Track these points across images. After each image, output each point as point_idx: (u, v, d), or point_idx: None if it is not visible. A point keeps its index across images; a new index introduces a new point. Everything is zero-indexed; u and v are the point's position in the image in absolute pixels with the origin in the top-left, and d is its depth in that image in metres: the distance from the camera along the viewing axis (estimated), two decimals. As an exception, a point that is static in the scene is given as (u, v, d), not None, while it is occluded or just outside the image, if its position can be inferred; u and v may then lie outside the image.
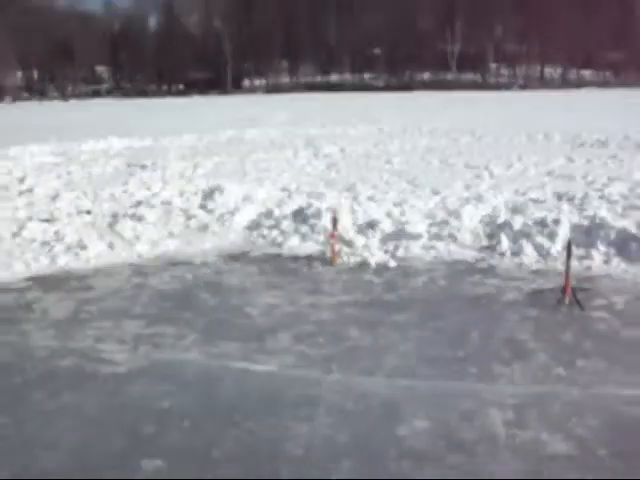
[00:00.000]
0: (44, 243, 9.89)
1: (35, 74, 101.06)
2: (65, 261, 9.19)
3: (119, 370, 5.80)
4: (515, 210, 10.57)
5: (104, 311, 7.30)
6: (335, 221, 9.17)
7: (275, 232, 10.26)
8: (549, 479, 4.03)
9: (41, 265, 9.02)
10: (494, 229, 9.71)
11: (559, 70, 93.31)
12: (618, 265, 8.43)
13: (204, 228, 10.70)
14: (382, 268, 8.68)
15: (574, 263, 7.94)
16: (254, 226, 10.67)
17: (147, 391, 5.39)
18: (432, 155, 19.12)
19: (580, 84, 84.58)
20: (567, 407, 4.96)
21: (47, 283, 8.34)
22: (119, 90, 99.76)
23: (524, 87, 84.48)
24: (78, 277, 8.58)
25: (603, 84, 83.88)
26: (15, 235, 10.20)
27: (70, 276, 8.63)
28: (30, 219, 11.17)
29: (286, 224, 10.39)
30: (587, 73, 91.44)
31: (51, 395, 5.36)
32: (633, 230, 8.89)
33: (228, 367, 5.78)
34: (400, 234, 9.62)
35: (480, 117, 33.24)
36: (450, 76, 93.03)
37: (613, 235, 8.92)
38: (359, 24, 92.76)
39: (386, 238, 9.62)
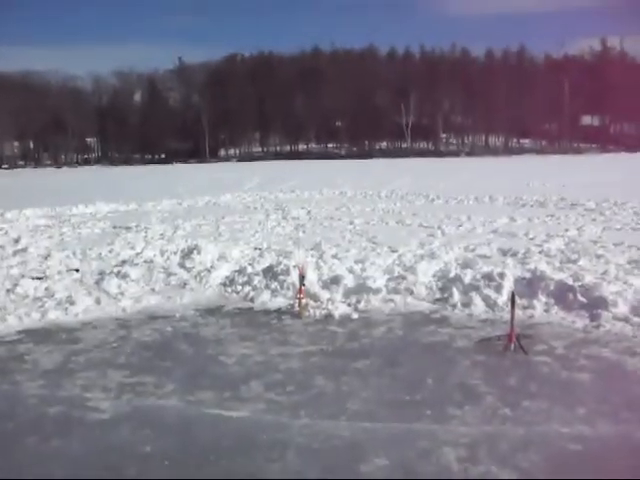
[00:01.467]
0: (36, 299, 9.77)
1: (31, 144, 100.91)
2: (55, 315, 9.07)
3: (104, 416, 5.70)
4: (465, 265, 10.66)
5: (90, 362, 7.20)
6: (302, 277, 9.18)
7: (248, 288, 10.23)
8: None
9: (33, 319, 8.90)
10: (446, 283, 9.77)
11: (502, 139, 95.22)
12: (557, 313, 8.51)
13: (183, 285, 10.64)
14: (345, 319, 8.67)
15: (518, 312, 8.01)
16: (228, 282, 10.63)
17: (130, 435, 5.31)
18: (390, 216, 19.29)
19: (520, 151, 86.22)
20: (514, 444, 4.96)
21: (38, 336, 8.21)
22: (107, 159, 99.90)
23: (471, 154, 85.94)
24: (67, 330, 8.47)
25: (540, 151, 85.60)
26: (9, 291, 10.08)
27: (59, 329, 8.52)
28: (23, 276, 11.06)
29: (258, 280, 10.36)
30: (526, 141, 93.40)
31: (42, 440, 5.26)
32: (570, 282, 9.00)
33: (204, 413, 5.71)
34: (361, 288, 9.64)
35: (432, 182, 33.65)
36: (405, 145, 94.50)
37: (552, 286, 9.01)
38: (323, 99, 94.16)
39: (349, 292, 9.62)
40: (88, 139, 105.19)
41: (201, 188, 34.10)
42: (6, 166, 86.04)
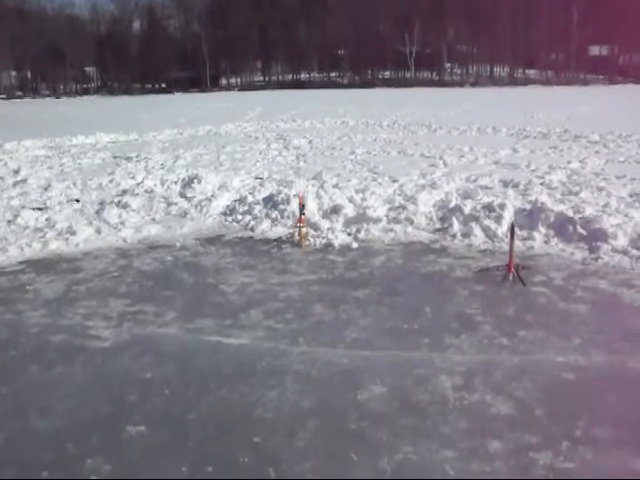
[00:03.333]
0: (37, 229, 9.79)
1: (28, 74, 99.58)
2: (56, 245, 9.10)
3: (105, 345, 5.76)
4: (465, 196, 10.63)
5: (91, 291, 7.24)
6: (302, 206, 9.16)
7: (248, 217, 10.24)
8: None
9: (34, 250, 8.93)
10: (446, 213, 9.76)
11: (507, 69, 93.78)
12: (556, 245, 8.52)
13: (183, 214, 10.65)
14: (345, 249, 8.69)
15: (518, 243, 8.02)
16: (229, 212, 10.63)
17: (130, 363, 5.37)
18: (391, 146, 19.15)
19: (526, 82, 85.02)
20: (509, 373, 5.01)
21: (39, 266, 8.25)
22: (106, 88, 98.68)
23: (475, 84, 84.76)
24: (68, 260, 8.50)
25: (546, 82, 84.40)
26: (10, 222, 10.10)
27: (60, 259, 8.55)
28: (24, 207, 11.05)
29: (258, 210, 10.36)
30: (532, 72, 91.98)
31: (44, 367, 5.33)
32: (570, 214, 8.98)
33: (204, 341, 5.77)
34: (362, 218, 9.64)
35: (435, 112, 33.31)
36: (408, 74, 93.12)
37: (552, 218, 9.00)
38: (325, 28, 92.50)
39: (349, 222, 9.63)
40: (87, 68, 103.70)
41: (202, 117, 33.80)
42: (4, 96, 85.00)
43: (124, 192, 11.95)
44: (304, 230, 9.08)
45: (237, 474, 3.94)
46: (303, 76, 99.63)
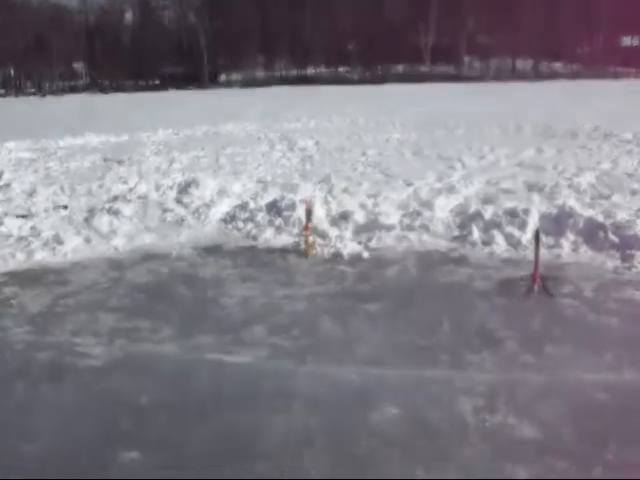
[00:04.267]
0: (21, 238, 9.83)
1: (12, 71, 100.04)
2: (42, 256, 9.13)
3: (95, 364, 5.78)
4: (486, 200, 10.63)
5: (80, 305, 7.27)
6: (309, 213, 9.18)
7: (250, 225, 10.26)
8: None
9: (18, 260, 8.96)
10: (465, 219, 9.76)
11: (531, 62, 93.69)
12: (586, 253, 8.50)
13: (180, 222, 10.68)
14: (355, 259, 8.71)
15: (543, 252, 8.01)
16: (229, 219, 10.65)
17: (123, 384, 5.38)
18: (406, 147, 19.16)
19: (551, 76, 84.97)
20: (535, 392, 5.01)
21: (24, 278, 8.29)
22: (96, 86, 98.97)
23: (496, 78, 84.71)
24: (55, 271, 8.54)
25: (573, 75, 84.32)
26: (-8, 231, 10.15)
27: (47, 271, 8.59)
28: (7, 214, 11.09)
29: (261, 216, 10.38)
30: (558, 65, 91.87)
31: (29, 388, 5.35)
32: (600, 219, 8.97)
33: (203, 359, 5.79)
34: (373, 225, 9.65)
35: (454, 109, 33.33)
36: (424, 69, 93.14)
37: (582, 224, 8.98)
38: (333, 19, 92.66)
39: (359, 229, 9.64)
40: (75, 64, 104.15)
41: (199, 117, 33.90)
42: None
43: (115, 198, 11.98)
44: (311, 238, 9.09)
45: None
46: (309, 71, 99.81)
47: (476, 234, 9.26)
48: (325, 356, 5.76)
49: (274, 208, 10.53)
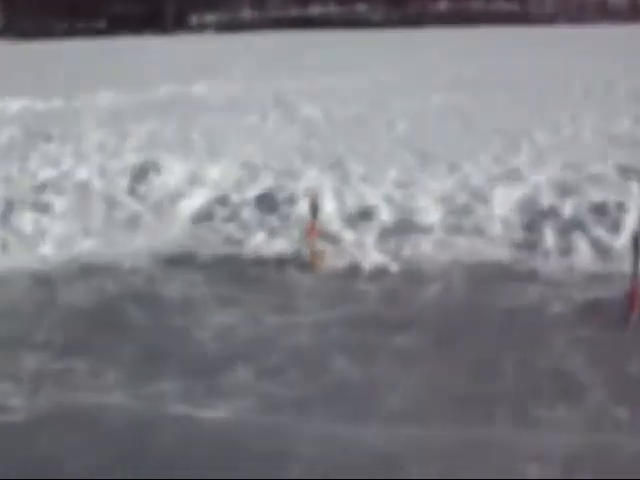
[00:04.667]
0: None
1: None
2: (-60, 268, 9.17)
3: (14, 419, 5.78)
4: (564, 191, 10.62)
5: (-6, 337, 7.31)
6: (316, 209, 9.17)
7: (233, 225, 10.27)
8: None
9: None
10: (535, 218, 9.75)
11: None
12: None
13: (134, 221, 10.69)
14: (380, 273, 8.73)
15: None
16: (204, 217, 10.66)
17: (52, 446, 5.37)
18: (450, 117, 19.14)
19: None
20: (632, 460, 5.00)
21: None
22: (13, 31, 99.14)
23: (575, 19, 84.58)
24: (-42, 291, 8.58)
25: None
26: None
27: (-53, 289, 8.64)
28: None
29: (248, 214, 10.39)
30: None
31: None
32: None
33: (165, 414, 5.79)
34: (405, 226, 9.65)
35: (518, 62, 33.30)
36: (476, 5, 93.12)
37: (699, 224, 8.99)
38: None
39: (386, 232, 9.64)
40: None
41: (162, 73, 33.93)
42: None
43: (43, 187, 12.00)
44: (318, 245, 9.11)
45: None
46: (314, 11, 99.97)
47: (550, 239, 9.26)
48: (336, 410, 5.76)
49: (266, 202, 10.53)
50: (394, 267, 8.84)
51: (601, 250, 8.97)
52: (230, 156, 14.58)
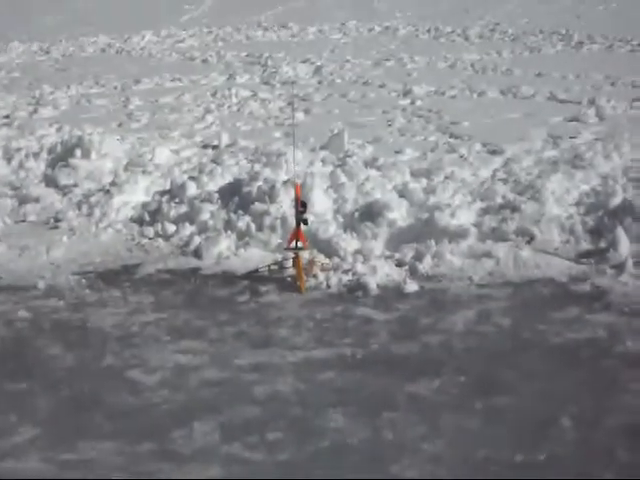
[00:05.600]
0: None
1: None
2: None
3: None
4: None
5: None
6: (303, 206, 9.16)
7: (188, 228, 10.27)
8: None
9: None
10: (604, 220, 9.76)
11: None
12: None
13: (52, 222, 10.68)
14: (392, 295, 8.72)
15: None
16: (148, 218, 10.65)
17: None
18: (486, 79, 19.17)
19: None
20: None
21: None
22: None
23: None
24: None
25: None
26: None
27: None
28: None
29: (209, 212, 10.38)
30: None
31: None
32: None
33: (97, 487, 5.79)
34: (426, 230, 9.66)
35: (577, 7, 33.36)
36: None
37: None
38: None
39: (399, 237, 9.66)
40: None
41: (86, 16, 33.91)
42: None
43: None
44: (306, 255, 9.13)
45: None
46: None
47: (625, 246, 9.26)
48: (334, 483, 5.76)
49: (235, 197, 10.53)
50: (411, 286, 8.84)
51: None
52: (184, 132, 14.60)
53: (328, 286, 8.96)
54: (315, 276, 9.08)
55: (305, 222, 9.15)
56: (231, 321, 8.26)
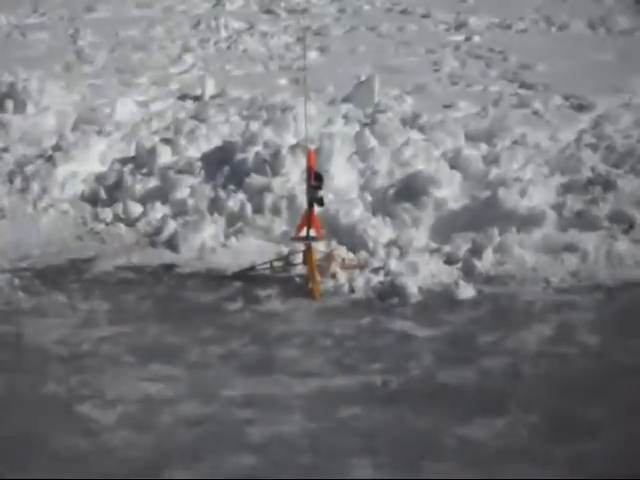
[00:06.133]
0: None
1: None
2: None
3: None
4: None
5: None
6: (317, 179, 9.14)
7: (160, 209, 10.28)
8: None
9: None
10: None
11: None
12: None
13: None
14: (439, 302, 8.73)
15: None
16: (104, 193, 10.68)
17: None
18: (569, 6, 19.19)
19: None
20: None
21: None
22: None
23: None
24: None
25: None
26: None
27: None
28: None
29: (188, 188, 10.39)
30: None
31: None
32: None
33: None
34: (487, 213, 9.66)
35: None
36: None
37: None
38: None
39: (450, 224, 9.66)
40: None
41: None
42: None
43: None
44: (321, 248, 9.16)
45: None
46: None
47: None
48: None
49: (224, 166, 10.54)
50: (465, 291, 8.82)
51: None
52: (153, 77, 14.64)
53: (352, 290, 8.97)
54: (334, 276, 9.07)
55: (320, 202, 9.13)
56: (217, 338, 8.26)
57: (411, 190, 9.90)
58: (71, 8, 20.34)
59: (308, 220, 9.06)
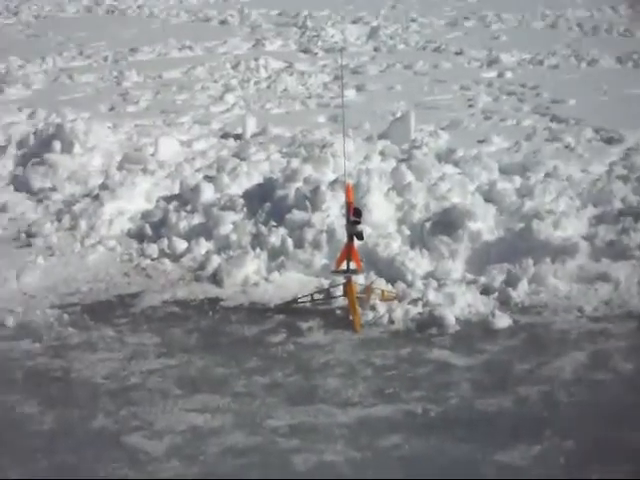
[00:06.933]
0: None
1: None
2: None
3: None
4: None
5: None
6: (356, 214, 9.13)
7: (204, 245, 10.29)
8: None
9: None
10: None
11: None
12: None
13: (23, 238, 10.71)
14: (476, 332, 8.72)
15: None
16: (149, 230, 10.68)
17: None
18: (599, 42, 19.15)
19: None
20: None
21: None
22: None
23: None
24: None
25: None
26: None
27: None
28: None
29: (231, 224, 10.39)
30: None
31: None
32: None
33: None
34: (521, 245, 9.64)
35: None
36: None
37: None
38: None
39: (485, 256, 9.65)
40: None
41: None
42: None
43: None
44: (361, 281, 9.13)
45: None
46: None
47: None
48: None
49: (265, 203, 10.54)
50: (501, 321, 8.79)
51: None
52: (196, 118, 14.65)
53: (391, 321, 8.95)
54: (374, 308, 9.06)
55: (360, 236, 9.13)
56: (262, 369, 8.26)
57: (447, 223, 9.90)
58: (116, 50, 20.40)
59: (348, 254, 9.07)
